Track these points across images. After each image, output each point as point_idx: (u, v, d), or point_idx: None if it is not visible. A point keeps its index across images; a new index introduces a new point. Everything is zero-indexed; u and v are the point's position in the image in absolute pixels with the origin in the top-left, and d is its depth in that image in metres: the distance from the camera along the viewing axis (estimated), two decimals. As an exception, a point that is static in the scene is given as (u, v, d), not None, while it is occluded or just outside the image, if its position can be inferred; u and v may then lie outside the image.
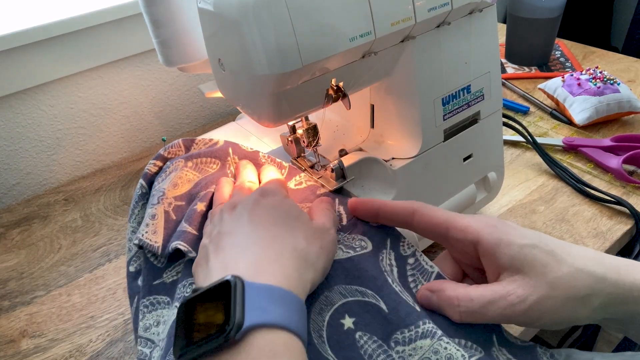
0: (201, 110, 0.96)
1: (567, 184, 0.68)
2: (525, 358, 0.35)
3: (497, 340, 0.36)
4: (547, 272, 0.32)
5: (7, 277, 0.63)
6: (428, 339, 0.34)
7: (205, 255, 0.36)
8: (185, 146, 0.50)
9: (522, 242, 0.34)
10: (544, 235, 0.35)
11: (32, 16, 0.72)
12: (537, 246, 0.33)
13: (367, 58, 0.42)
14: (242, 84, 0.41)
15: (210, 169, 0.48)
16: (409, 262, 0.39)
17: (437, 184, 0.53)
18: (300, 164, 0.49)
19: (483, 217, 0.37)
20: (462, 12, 0.46)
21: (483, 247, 0.35)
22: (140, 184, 0.47)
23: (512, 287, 0.33)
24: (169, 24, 0.49)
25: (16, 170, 0.79)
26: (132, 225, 0.46)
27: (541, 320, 0.32)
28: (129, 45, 0.80)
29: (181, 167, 0.47)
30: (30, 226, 0.72)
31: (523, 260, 0.33)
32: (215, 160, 0.48)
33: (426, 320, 0.35)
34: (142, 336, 0.40)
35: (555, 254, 0.33)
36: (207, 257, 0.35)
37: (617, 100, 0.77)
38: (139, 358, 0.39)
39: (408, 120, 0.49)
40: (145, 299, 0.41)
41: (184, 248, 0.40)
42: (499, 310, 0.32)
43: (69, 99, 0.80)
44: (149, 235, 0.42)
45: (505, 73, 0.98)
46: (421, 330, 0.34)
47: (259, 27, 0.35)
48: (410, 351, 0.34)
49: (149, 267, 0.42)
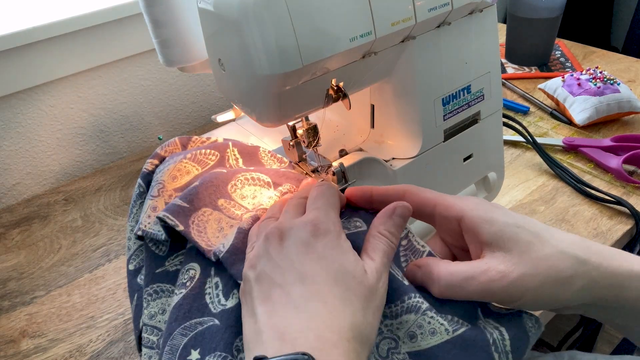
0: (201, 110, 0.96)
1: (567, 184, 0.68)
2: (512, 324, 0.35)
3: (482, 314, 0.36)
4: (530, 250, 0.33)
5: (7, 277, 0.63)
6: (412, 313, 0.34)
7: (249, 293, 0.34)
8: (181, 144, 0.49)
9: (506, 220, 0.34)
10: (529, 218, 0.35)
11: (32, 16, 0.72)
12: (521, 226, 0.34)
13: (367, 58, 0.42)
14: (242, 84, 0.41)
15: (209, 160, 0.47)
16: (402, 243, 0.39)
17: (437, 184, 0.53)
18: (302, 168, 0.49)
19: (470, 197, 0.37)
20: (462, 12, 0.46)
21: (466, 223, 0.35)
22: (138, 183, 0.47)
23: (493, 263, 0.33)
24: (169, 24, 0.49)
25: (16, 170, 0.79)
26: (131, 224, 0.46)
27: (522, 299, 0.33)
28: (129, 45, 0.80)
29: (180, 159, 0.47)
30: (30, 226, 0.72)
31: (506, 238, 0.33)
32: (214, 152, 0.48)
33: (412, 295, 0.35)
34: (148, 324, 0.40)
35: (539, 235, 0.33)
36: (252, 302, 0.33)
37: (617, 100, 0.77)
38: (145, 346, 0.39)
39: (408, 120, 0.49)
40: (149, 287, 0.41)
41: (170, 221, 0.39)
42: (480, 286, 0.33)
43: (69, 99, 0.80)
44: (151, 226, 0.42)
45: (505, 73, 0.98)
46: (407, 305, 0.34)
47: (259, 27, 0.35)
48: (397, 325, 0.34)
49: (151, 256, 0.42)
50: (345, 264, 0.34)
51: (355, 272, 0.34)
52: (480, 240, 0.34)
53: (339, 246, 0.35)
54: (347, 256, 0.34)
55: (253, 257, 0.35)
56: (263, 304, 0.32)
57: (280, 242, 0.35)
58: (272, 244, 0.35)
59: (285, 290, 0.32)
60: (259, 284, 0.34)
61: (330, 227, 0.35)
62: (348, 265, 0.34)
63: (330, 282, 0.33)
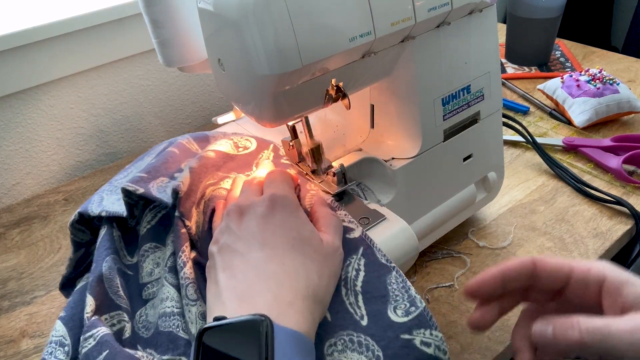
0: (201, 110, 0.96)
1: (567, 184, 0.68)
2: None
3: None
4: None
5: (7, 277, 0.63)
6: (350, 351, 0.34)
7: (213, 266, 0.36)
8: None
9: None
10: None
11: (32, 16, 0.72)
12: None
13: (367, 58, 0.42)
14: (242, 84, 0.41)
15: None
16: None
17: (437, 184, 0.53)
18: (302, 169, 0.49)
19: (598, 261, 0.37)
20: (462, 12, 0.46)
21: (608, 285, 0.35)
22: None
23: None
24: (168, 24, 0.49)
25: (16, 170, 0.79)
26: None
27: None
28: (129, 45, 0.80)
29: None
30: (30, 226, 0.72)
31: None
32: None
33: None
34: (148, 282, 0.42)
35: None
36: (216, 272, 0.35)
37: (616, 100, 0.77)
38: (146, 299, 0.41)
39: (408, 120, 0.49)
40: (138, 254, 0.43)
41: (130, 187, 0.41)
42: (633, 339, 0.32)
43: (69, 99, 0.80)
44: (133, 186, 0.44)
45: (505, 73, 0.98)
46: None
47: (259, 27, 0.35)
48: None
49: (124, 238, 0.44)
50: (303, 232, 0.37)
51: (311, 240, 0.36)
52: (623, 302, 0.34)
53: (296, 217, 0.38)
54: (305, 226, 0.37)
55: (216, 234, 0.38)
56: (224, 271, 0.35)
57: (241, 217, 0.38)
58: (233, 219, 0.38)
59: (245, 257, 0.35)
60: (221, 254, 0.36)
61: (287, 202, 0.38)
62: (305, 233, 0.37)
63: (287, 248, 0.35)
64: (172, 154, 0.47)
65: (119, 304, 0.40)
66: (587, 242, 0.59)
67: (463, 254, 0.59)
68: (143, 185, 0.42)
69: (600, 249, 0.58)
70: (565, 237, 0.60)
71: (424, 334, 0.34)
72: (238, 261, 0.35)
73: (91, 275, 0.40)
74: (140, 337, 0.39)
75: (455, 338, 0.50)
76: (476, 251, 0.59)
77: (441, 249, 0.60)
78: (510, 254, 0.59)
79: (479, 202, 0.59)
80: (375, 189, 0.51)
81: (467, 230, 0.62)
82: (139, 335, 0.39)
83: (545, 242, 0.60)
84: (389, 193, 0.50)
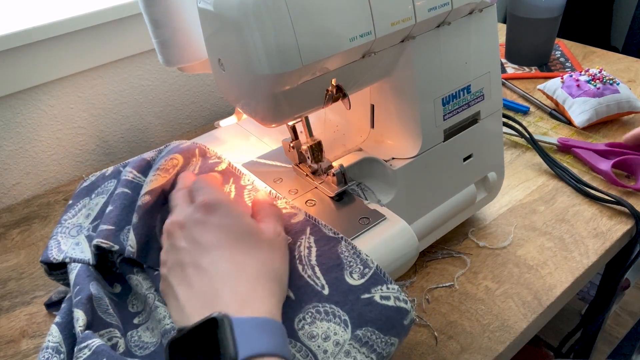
0: (201, 110, 0.96)
1: (567, 184, 0.68)
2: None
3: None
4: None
5: (7, 277, 0.63)
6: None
7: (169, 285, 0.37)
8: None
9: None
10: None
11: (32, 16, 0.72)
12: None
13: (367, 58, 0.42)
14: (242, 84, 0.41)
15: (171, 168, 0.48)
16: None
17: (437, 184, 0.53)
18: (302, 169, 0.49)
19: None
20: (462, 12, 0.46)
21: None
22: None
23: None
24: (168, 24, 0.49)
25: (16, 170, 0.79)
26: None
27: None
28: (129, 45, 0.80)
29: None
30: (30, 226, 0.71)
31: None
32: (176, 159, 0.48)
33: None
34: (137, 312, 0.43)
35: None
36: (173, 290, 0.36)
37: (616, 101, 0.77)
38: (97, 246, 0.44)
39: (408, 120, 0.49)
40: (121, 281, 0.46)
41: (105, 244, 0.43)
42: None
43: (69, 99, 0.80)
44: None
45: (505, 73, 0.98)
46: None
47: (259, 27, 0.35)
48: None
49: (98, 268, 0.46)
50: (242, 226, 0.38)
51: (253, 231, 0.38)
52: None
53: (233, 214, 0.38)
54: (243, 220, 0.38)
55: (162, 257, 0.39)
56: (180, 285, 0.36)
57: (180, 230, 0.38)
58: (174, 235, 0.38)
59: (196, 265, 0.36)
60: (172, 272, 0.37)
61: (220, 202, 0.39)
62: (245, 227, 0.38)
63: (233, 244, 0.36)
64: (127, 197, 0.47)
65: (110, 321, 0.41)
66: (587, 242, 0.59)
67: (463, 254, 0.59)
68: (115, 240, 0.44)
69: (600, 249, 0.58)
70: (565, 237, 0.60)
71: (381, 290, 0.38)
72: (190, 271, 0.36)
73: (79, 295, 0.41)
74: (135, 355, 0.39)
75: (455, 338, 0.50)
76: (476, 251, 0.59)
77: (441, 249, 0.60)
78: (510, 254, 0.59)
79: (479, 202, 0.59)
80: (375, 189, 0.51)
81: (467, 230, 0.62)
82: (134, 353, 0.40)
83: (546, 242, 0.60)
84: (389, 193, 0.50)
